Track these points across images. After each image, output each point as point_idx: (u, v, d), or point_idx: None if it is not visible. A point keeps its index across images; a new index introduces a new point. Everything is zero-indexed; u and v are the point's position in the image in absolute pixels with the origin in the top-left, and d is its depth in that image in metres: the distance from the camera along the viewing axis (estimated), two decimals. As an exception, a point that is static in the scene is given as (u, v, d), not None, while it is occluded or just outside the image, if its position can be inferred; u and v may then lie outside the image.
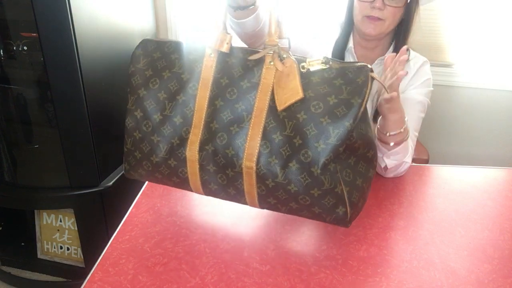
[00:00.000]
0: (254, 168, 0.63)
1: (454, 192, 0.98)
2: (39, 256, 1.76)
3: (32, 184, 1.57)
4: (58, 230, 1.72)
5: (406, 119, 0.90)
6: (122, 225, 0.80)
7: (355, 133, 0.63)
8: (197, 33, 2.03)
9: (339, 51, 1.08)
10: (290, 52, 0.65)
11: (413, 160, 1.04)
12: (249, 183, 0.65)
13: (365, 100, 0.61)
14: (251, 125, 0.63)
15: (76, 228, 1.63)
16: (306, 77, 0.64)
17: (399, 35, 1.03)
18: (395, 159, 0.95)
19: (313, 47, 1.12)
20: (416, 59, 1.08)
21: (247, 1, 0.84)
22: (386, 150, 0.93)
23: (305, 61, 0.64)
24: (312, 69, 0.64)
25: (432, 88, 1.08)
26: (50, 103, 1.42)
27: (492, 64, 1.86)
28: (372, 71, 0.63)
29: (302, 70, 0.64)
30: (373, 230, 0.81)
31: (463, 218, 0.87)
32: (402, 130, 0.89)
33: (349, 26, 1.07)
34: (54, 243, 1.74)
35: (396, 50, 1.04)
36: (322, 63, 0.63)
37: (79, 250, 1.68)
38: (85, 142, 1.43)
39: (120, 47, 1.56)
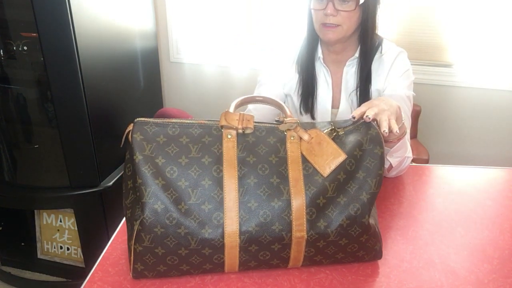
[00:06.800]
0: (305, 236, 0.64)
1: (454, 192, 0.98)
2: (39, 256, 1.76)
3: (32, 184, 1.57)
4: (58, 230, 1.72)
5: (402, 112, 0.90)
6: (122, 225, 0.80)
7: None
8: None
9: (308, 62, 1.07)
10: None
11: (413, 160, 1.04)
12: (298, 250, 0.66)
13: (384, 148, 0.70)
14: (292, 196, 0.64)
15: (76, 228, 1.63)
16: None
17: (364, 33, 1.02)
18: (397, 156, 0.95)
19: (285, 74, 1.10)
20: (389, 52, 1.05)
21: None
22: (388, 149, 0.93)
23: (321, 129, 0.70)
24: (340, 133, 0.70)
25: (413, 78, 1.06)
26: (50, 103, 1.42)
27: (492, 64, 1.86)
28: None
29: (336, 134, 0.69)
30: (373, 230, 0.81)
31: (463, 218, 0.87)
32: (402, 123, 0.89)
33: (314, 36, 1.05)
34: (54, 243, 1.74)
35: (364, 49, 1.03)
36: (331, 129, 0.70)
37: (79, 250, 1.68)
38: (85, 142, 1.43)
39: (120, 47, 1.56)
